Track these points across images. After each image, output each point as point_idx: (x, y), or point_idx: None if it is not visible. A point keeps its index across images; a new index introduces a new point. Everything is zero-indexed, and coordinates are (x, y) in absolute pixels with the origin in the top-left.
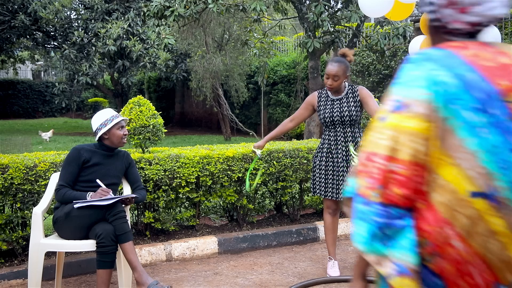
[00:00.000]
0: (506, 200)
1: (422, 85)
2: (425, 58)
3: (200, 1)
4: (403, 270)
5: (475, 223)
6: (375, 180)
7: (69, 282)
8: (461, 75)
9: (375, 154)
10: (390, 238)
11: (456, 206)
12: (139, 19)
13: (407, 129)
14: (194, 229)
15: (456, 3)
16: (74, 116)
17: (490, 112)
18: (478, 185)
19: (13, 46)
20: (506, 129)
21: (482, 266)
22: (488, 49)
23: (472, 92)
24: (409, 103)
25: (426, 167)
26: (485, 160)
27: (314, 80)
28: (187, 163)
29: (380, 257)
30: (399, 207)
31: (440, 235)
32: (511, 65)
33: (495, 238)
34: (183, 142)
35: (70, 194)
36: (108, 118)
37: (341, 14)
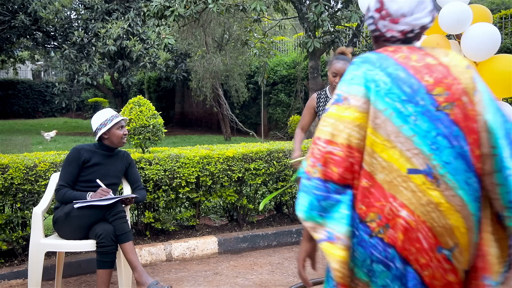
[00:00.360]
0: (440, 176)
1: (360, 83)
2: (363, 60)
3: (200, 1)
4: (331, 238)
5: (417, 195)
6: (316, 159)
7: (69, 282)
8: (393, 73)
9: (319, 138)
10: (325, 210)
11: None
12: (139, 19)
13: (344, 118)
14: (194, 229)
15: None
16: (74, 116)
17: (419, 103)
18: (414, 163)
19: (13, 46)
20: (433, 117)
21: (427, 232)
22: (418, 52)
23: (402, 87)
24: (347, 97)
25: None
26: (418, 143)
27: (314, 80)
28: (187, 163)
29: (316, 224)
30: (336, 183)
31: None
32: (436, 65)
33: (436, 208)
34: (183, 142)
35: (70, 194)
36: (108, 118)
37: (341, 14)
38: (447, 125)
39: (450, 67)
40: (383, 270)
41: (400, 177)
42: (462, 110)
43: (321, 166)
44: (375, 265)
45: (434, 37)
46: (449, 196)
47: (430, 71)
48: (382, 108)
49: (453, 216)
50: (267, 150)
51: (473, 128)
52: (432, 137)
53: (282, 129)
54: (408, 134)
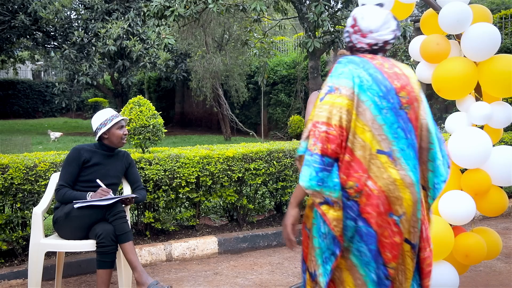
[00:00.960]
0: (397, 158)
1: (347, 77)
2: (349, 61)
3: (200, 1)
4: (328, 201)
5: (381, 170)
6: (316, 138)
7: (69, 282)
8: (373, 74)
9: (317, 122)
10: (322, 180)
11: (370, 159)
12: (139, 19)
13: (337, 104)
14: (194, 229)
15: (360, 31)
16: (74, 116)
17: (390, 101)
18: (382, 146)
19: (13, 46)
20: (397, 113)
21: (384, 200)
22: (388, 62)
23: (380, 86)
24: (338, 87)
25: (347, 129)
26: (386, 131)
27: (314, 80)
28: (187, 163)
29: (316, 192)
30: (330, 157)
31: (362, 177)
32: (401, 74)
33: (393, 182)
34: (183, 142)
35: (70, 194)
36: (107, 118)
37: (341, 14)
38: (405, 121)
39: (410, 78)
40: (353, 225)
41: (371, 155)
42: (414, 112)
43: (320, 143)
44: (348, 221)
45: (434, 37)
46: (402, 174)
47: (397, 78)
48: (364, 99)
49: (404, 190)
50: (267, 150)
51: (418, 127)
52: (394, 128)
53: (282, 129)
54: (380, 123)
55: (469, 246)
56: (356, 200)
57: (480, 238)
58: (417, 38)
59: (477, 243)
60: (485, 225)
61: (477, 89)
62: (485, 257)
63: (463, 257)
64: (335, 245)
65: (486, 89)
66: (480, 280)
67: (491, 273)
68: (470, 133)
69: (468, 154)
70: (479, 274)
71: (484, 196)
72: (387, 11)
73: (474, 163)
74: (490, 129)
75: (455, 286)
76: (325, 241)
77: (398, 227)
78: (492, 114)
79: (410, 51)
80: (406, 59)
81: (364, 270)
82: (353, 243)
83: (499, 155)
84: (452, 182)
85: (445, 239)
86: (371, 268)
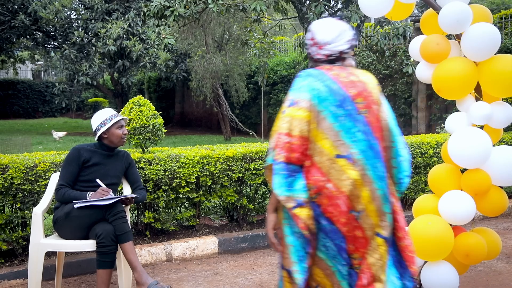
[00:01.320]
0: (357, 160)
1: (306, 90)
2: (307, 75)
3: (200, 1)
4: (300, 203)
5: (340, 173)
6: (280, 148)
7: (69, 282)
8: (329, 85)
9: (280, 133)
10: (290, 185)
11: (330, 163)
12: (139, 19)
13: (297, 116)
14: (194, 229)
15: (317, 44)
16: (74, 116)
17: (346, 108)
18: (340, 150)
19: (13, 46)
20: (355, 119)
21: (344, 199)
22: (345, 71)
23: (335, 96)
24: (298, 101)
25: (308, 139)
26: (344, 136)
27: None
28: (187, 163)
29: (287, 197)
30: (294, 164)
31: (320, 181)
32: (357, 81)
33: (352, 182)
34: (183, 142)
35: (70, 194)
36: (107, 117)
37: (341, 14)
38: (363, 124)
39: (366, 84)
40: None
41: (330, 160)
42: (373, 115)
43: (284, 153)
44: None
45: (434, 37)
46: (361, 174)
47: (353, 86)
48: (321, 110)
49: (362, 189)
50: (267, 150)
51: (380, 128)
52: (353, 132)
53: None
54: (337, 129)
55: (469, 245)
56: (315, 201)
57: (481, 238)
58: (417, 38)
59: (477, 243)
60: (485, 225)
61: (477, 89)
62: (486, 257)
63: (464, 257)
64: (307, 244)
65: (486, 89)
66: (480, 280)
67: (491, 273)
68: (470, 133)
69: (468, 154)
70: (479, 274)
71: (484, 196)
72: (343, 24)
73: (474, 163)
74: (490, 129)
75: (455, 286)
76: (299, 240)
77: (357, 222)
78: (492, 114)
79: (410, 51)
80: (406, 59)
81: (331, 262)
82: (318, 240)
83: (499, 155)
84: (452, 182)
85: (445, 239)
86: (338, 261)
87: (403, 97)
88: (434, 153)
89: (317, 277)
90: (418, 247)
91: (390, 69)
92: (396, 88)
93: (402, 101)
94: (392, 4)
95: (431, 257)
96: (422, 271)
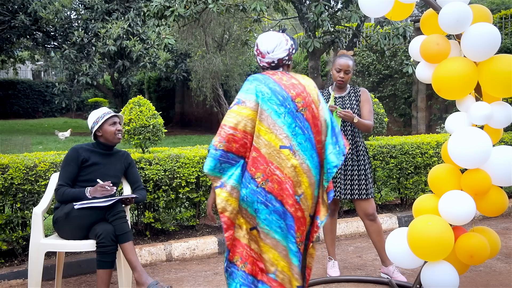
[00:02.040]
0: (296, 151)
1: (252, 92)
2: (254, 79)
3: (200, 1)
4: (222, 185)
5: (285, 161)
6: (223, 138)
7: (69, 282)
8: (272, 88)
9: (225, 125)
10: (223, 169)
11: (276, 154)
12: (139, 19)
13: (242, 113)
14: (194, 229)
15: (260, 54)
16: (74, 116)
17: (287, 106)
18: (284, 142)
19: (13, 46)
20: (295, 116)
21: (291, 184)
22: (287, 75)
23: (278, 96)
24: (244, 101)
25: (251, 133)
26: (286, 130)
27: (315, 80)
28: (187, 163)
29: (215, 176)
30: (234, 154)
31: (268, 169)
32: (297, 84)
33: (294, 170)
34: (183, 142)
35: (69, 192)
36: (99, 115)
37: (341, 14)
38: (302, 121)
39: (306, 86)
40: (264, 209)
41: (276, 151)
42: (311, 113)
43: (225, 142)
44: (259, 205)
45: (434, 37)
46: (301, 163)
47: (293, 88)
48: (266, 108)
49: (302, 175)
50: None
51: (317, 124)
52: (293, 127)
53: None
54: (280, 125)
55: (473, 246)
56: (264, 187)
57: (483, 238)
58: (417, 38)
59: (481, 244)
60: (485, 225)
61: (477, 89)
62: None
63: (468, 258)
64: None
65: (486, 89)
66: (480, 280)
67: (491, 273)
68: (470, 133)
69: (468, 154)
70: (479, 274)
71: (484, 196)
72: (282, 35)
73: (474, 163)
74: (490, 129)
75: (455, 286)
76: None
77: (299, 204)
78: (492, 114)
79: (410, 51)
80: (406, 59)
81: (285, 242)
82: (272, 223)
83: (499, 155)
84: (452, 182)
85: (445, 239)
86: (289, 239)
87: (403, 97)
88: (434, 153)
89: (275, 261)
90: (418, 247)
91: (390, 69)
92: (396, 88)
93: (402, 101)
94: (392, 4)
95: (431, 257)
96: (422, 271)
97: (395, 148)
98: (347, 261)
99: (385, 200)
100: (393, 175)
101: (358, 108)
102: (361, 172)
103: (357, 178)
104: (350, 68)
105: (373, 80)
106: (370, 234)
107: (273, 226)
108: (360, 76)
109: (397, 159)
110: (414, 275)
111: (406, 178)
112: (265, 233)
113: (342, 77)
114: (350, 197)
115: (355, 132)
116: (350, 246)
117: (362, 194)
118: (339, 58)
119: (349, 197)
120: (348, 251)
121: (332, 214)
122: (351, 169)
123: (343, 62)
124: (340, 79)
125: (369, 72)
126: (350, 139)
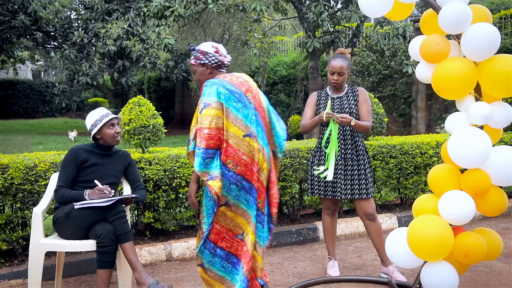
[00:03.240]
0: (255, 136)
1: (214, 95)
2: (212, 83)
3: (200, 1)
4: (213, 177)
5: (248, 146)
6: (202, 138)
7: (69, 282)
8: (229, 88)
9: (202, 127)
10: (207, 164)
11: (240, 142)
12: (139, 19)
13: (211, 114)
14: (194, 229)
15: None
16: (74, 116)
17: (242, 101)
18: (245, 131)
19: (13, 46)
20: (249, 107)
21: (255, 165)
22: (234, 76)
23: (234, 95)
24: (210, 103)
25: (222, 129)
26: (245, 121)
27: (314, 80)
28: (187, 163)
29: (204, 172)
30: (212, 149)
31: (236, 155)
32: (244, 81)
33: (255, 151)
34: (183, 142)
35: (68, 194)
36: (97, 118)
37: (341, 14)
38: (253, 110)
39: (249, 82)
40: (235, 187)
41: (240, 140)
42: (257, 102)
43: (205, 141)
44: (231, 185)
45: (434, 37)
46: (259, 144)
47: (242, 85)
48: (227, 106)
49: (259, 154)
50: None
51: (262, 111)
52: (250, 117)
53: None
54: (240, 118)
55: (469, 245)
56: (234, 171)
57: (481, 238)
58: (417, 38)
59: (477, 243)
60: (485, 225)
61: (477, 89)
62: (486, 258)
63: (463, 256)
64: (215, 205)
65: (486, 89)
66: (480, 280)
67: (491, 273)
68: (470, 133)
69: (468, 154)
70: (479, 274)
71: (484, 196)
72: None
73: (474, 163)
74: (490, 129)
75: (455, 286)
76: (210, 202)
77: (258, 177)
78: (492, 114)
79: (410, 51)
80: (406, 59)
81: (251, 211)
82: (240, 197)
83: (499, 155)
84: (452, 182)
85: (445, 239)
86: (253, 208)
87: (403, 97)
88: (434, 153)
89: (243, 225)
90: (418, 247)
91: (390, 69)
92: (396, 88)
93: (402, 101)
94: (392, 4)
95: (431, 257)
96: (422, 271)
97: (395, 148)
98: (347, 261)
99: (385, 200)
100: (393, 175)
101: (356, 108)
102: (361, 172)
103: (357, 178)
104: (344, 69)
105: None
106: (370, 234)
107: (241, 199)
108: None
109: (397, 159)
110: (414, 275)
111: (406, 178)
112: (235, 206)
113: (336, 79)
114: (350, 197)
115: (355, 132)
116: (350, 246)
117: (362, 193)
118: (333, 60)
119: (349, 196)
120: (348, 251)
121: (332, 214)
122: (351, 169)
123: (336, 64)
124: (334, 81)
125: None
126: (350, 139)
